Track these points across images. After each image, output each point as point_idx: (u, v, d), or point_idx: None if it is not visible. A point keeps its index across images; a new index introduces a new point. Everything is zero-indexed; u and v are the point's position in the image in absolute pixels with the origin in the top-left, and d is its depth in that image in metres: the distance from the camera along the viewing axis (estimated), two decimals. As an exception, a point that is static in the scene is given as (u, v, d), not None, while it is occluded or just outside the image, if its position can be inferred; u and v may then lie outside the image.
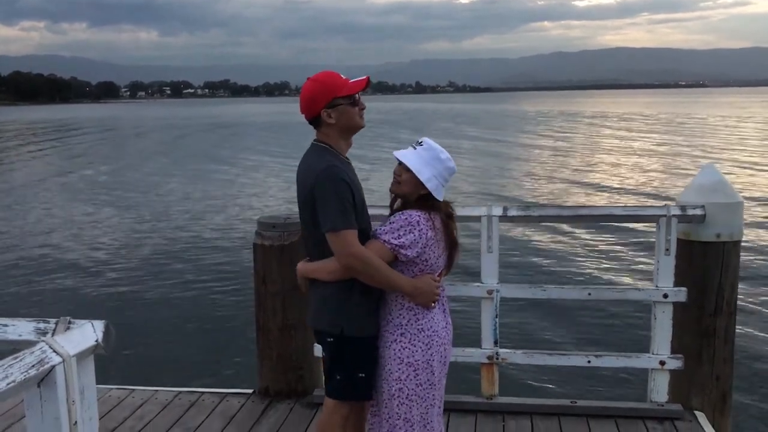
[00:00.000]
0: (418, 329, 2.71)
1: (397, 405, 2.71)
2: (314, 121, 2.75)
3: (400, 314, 2.73)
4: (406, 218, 2.66)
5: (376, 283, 2.68)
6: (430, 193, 2.69)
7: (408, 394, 2.70)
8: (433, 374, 2.73)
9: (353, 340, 2.72)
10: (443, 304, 2.84)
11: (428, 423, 2.76)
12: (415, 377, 2.70)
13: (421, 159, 2.68)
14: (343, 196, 2.60)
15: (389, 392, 2.72)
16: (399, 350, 2.70)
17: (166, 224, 15.59)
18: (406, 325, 2.72)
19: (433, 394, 2.75)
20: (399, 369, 2.70)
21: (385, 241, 2.65)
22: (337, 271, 2.66)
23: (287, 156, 31.53)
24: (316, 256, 2.77)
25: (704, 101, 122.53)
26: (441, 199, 2.74)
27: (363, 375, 2.75)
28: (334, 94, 2.69)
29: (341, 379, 2.76)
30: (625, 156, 28.93)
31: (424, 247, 2.68)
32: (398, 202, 2.82)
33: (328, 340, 2.76)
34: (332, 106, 2.70)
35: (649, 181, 20.94)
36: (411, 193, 2.72)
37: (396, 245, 2.64)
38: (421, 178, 2.66)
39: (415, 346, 2.70)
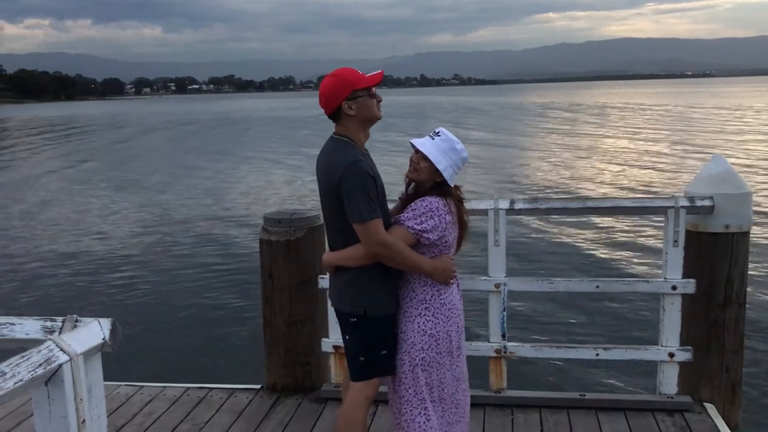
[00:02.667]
0: (440, 303, 2.94)
1: (421, 371, 2.92)
2: (334, 114, 2.90)
3: (423, 290, 2.94)
4: (427, 205, 2.86)
5: (400, 266, 2.88)
6: (444, 180, 2.88)
7: (429, 362, 2.93)
8: (451, 343, 2.96)
9: (376, 319, 2.90)
10: (456, 279, 3.04)
11: (444, 386, 2.99)
12: (436, 346, 2.92)
13: (439, 149, 2.88)
14: (369, 188, 2.77)
15: (412, 362, 2.92)
16: (423, 323, 2.92)
17: (172, 220, 15.63)
18: (430, 300, 2.93)
19: (450, 360, 2.98)
20: (422, 340, 2.92)
21: (408, 227, 2.85)
22: (363, 257, 2.84)
23: (292, 151, 31.54)
24: (340, 244, 2.94)
25: (711, 91, 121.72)
26: (452, 186, 2.94)
27: (385, 352, 2.93)
28: (353, 87, 2.85)
29: (365, 359, 2.93)
30: (631, 147, 28.79)
31: (444, 231, 2.88)
32: (412, 186, 3.02)
33: (352, 320, 2.93)
34: (352, 99, 2.85)
35: (655, 172, 20.84)
36: (427, 180, 2.92)
37: (419, 230, 2.85)
38: (439, 167, 2.86)
39: (437, 318, 2.93)
